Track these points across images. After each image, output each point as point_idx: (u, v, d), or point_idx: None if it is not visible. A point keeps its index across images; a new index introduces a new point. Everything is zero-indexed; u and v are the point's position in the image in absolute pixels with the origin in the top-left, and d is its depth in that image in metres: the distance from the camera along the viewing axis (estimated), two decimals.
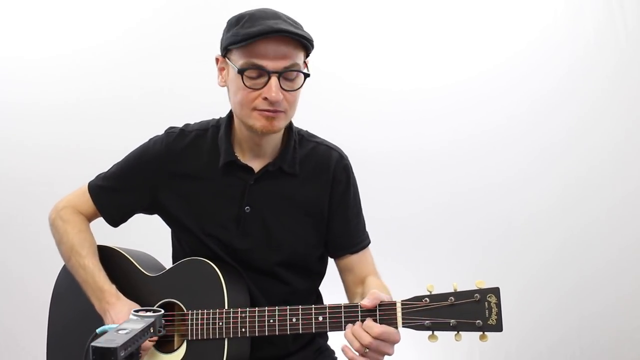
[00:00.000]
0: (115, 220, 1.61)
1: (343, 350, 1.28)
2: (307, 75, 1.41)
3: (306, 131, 1.61)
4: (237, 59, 1.38)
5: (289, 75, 1.38)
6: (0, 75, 2.79)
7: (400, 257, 2.72)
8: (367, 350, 1.25)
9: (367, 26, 2.78)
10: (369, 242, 1.63)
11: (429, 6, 2.79)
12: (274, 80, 1.36)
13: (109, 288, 1.48)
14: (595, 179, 2.73)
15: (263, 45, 1.34)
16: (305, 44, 1.38)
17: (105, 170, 1.63)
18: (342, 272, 1.61)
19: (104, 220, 1.63)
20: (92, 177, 1.63)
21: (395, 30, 2.78)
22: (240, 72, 1.36)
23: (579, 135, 2.74)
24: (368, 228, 1.65)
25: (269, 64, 1.35)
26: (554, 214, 2.74)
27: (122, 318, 1.41)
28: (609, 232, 2.71)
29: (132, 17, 2.79)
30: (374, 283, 1.52)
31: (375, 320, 1.28)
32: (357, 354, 1.26)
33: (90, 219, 1.63)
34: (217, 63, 1.47)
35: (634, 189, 2.72)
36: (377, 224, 2.63)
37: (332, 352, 1.71)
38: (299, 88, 1.41)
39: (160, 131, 1.61)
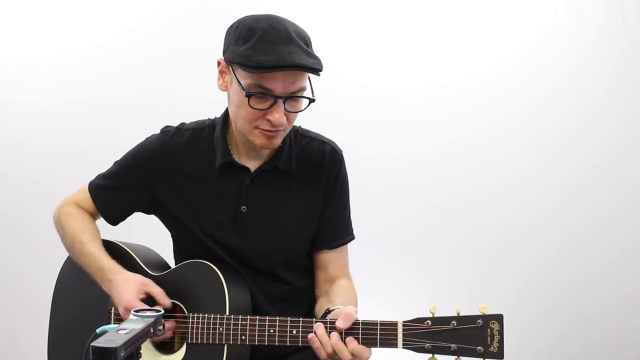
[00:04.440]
0: (114, 219, 1.62)
1: (310, 340, 1.29)
2: (312, 101, 1.40)
3: (299, 126, 1.60)
4: (244, 77, 1.35)
5: (294, 99, 1.38)
6: (0, 75, 2.79)
7: (400, 257, 2.73)
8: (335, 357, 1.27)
9: (367, 26, 2.78)
10: (351, 239, 1.62)
11: (429, 6, 2.79)
12: (279, 104, 1.35)
13: (108, 265, 1.48)
14: (595, 179, 2.72)
15: (274, 72, 1.32)
16: (316, 69, 1.35)
17: (105, 169, 1.63)
18: (316, 267, 1.61)
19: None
20: (92, 177, 1.64)
21: (396, 30, 2.77)
22: (248, 95, 1.34)
23: (579, 135, 2.74)
24: (368, 228, 1.65)
25: (277, 89, 1.33)
26: (554, 214, 2.73)
27: (125, 297, 1.41)
28: (609, 232, 2.71)
29: (132, 17, 2.79)
30: (342, 289, 1.52)
31: (374, 339, 1.27)
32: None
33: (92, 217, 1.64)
34: (218, 65, 1.45)
35: (634, 189, 2.72)
36: (377, 224, 2.66)
37: None
38: (302, 110, 1.41)
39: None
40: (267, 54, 1.30)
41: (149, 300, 1.45)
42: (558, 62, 2.74)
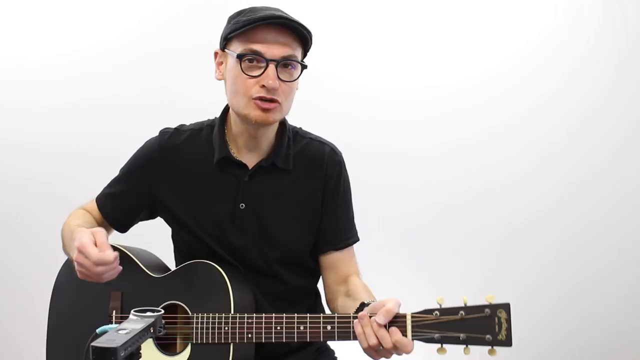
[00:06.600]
0: (122, 225, 1.64)
1: (355, 327, 1.28)
2: (304, 67, 1.45)
3: (300, 128, 1.62)
4: (237, 47, 1.41)
5: (286, 64, 1.41)
6: (0, 75, 2.79)
7: (399, 256, 2.73)
8: (382, 348, 1.26)
9: (368, 26, 2.78)
10: (356, 240, 1.62)
11: (429, 6, 2.79)
12: (271, 68, 1.39)
13: (78, 228, 1.42)
14: (595, 179, 2.73)
15: (263, 32, 1.38)
16: (304, 36, 1.42)
17: (104, 169, 1.64)
18: (324, 269, 1.60)
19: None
20: (92, 177, 1.64)
21: (396, 30, 2.78)
22: (239, 57, 1.39)
23: (579, 135, 2.74)
24: (367, 226, 1.64)
25: (268, 52, 1.39)
26: (554, 214, 2.74)
27: (79, 238, 1.33)
28: (609, 232, 2.71)
29: (132, 17, 2.79)
30: (360, 286, 1.51)
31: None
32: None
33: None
34: (215, 57, 1.50)
35: (634, 189, 2.72)
36: (377, 222, 2.66)
37: (332, 352, 1.72)
38: (295, 79, 1.44)
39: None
40: (256, 14, 1.39)
41: (143, 300, 1.46)
42: (558, 62, 2.74)
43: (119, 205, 1.61)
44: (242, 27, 1.38)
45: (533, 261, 2.74)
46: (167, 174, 1.55)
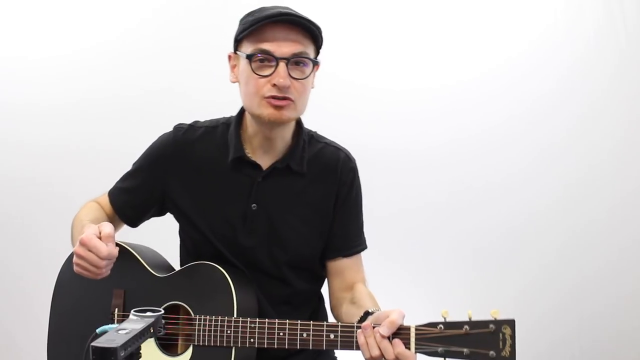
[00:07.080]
0: (133, 220, 1.63)
1: (359, 337, 1.27)
2: (315, 63, 1.44)
3: (315, 132, 1.62)
4: (247, 48, 1.41)
5: (297, 62, 1.40)
6: (1, 75, 2.79)
7: (399, 255, 2.73)
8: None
9: (369, 26, 2.78)
10: (364, 248, 1.62)
11: (430, 6, 2.79)
12: (282, 66, 1.38)
13: (89, 223, 1.40)
14: (595, 179, 2.72)
15: (271, 31, 1.38)
16: (313, 32, 1.41)
17: (105, 169, 1.63)
18: (331, 275, 1.60)
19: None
20: (91, 177, 1.64)
21: (397, 31, 2.77)
22: (249, 57, 1.39)
23: (579, 135, 2.74)
24: (367, 227, 1.64)
25: (277, 50, 1.38)
26: (553, 214, 2.73)
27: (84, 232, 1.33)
28: (609, 232, 2.71)
29: (132, 17, 2.79)
30: (365, 293, 1.51)
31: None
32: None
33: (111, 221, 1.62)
34: (229, 60, 1.50)
35: (634, 189, 2.72)
36: (376, 222, 2.64)
37: (332, 351, 1.71)
38: (308, 76, 1.42)
39: (161, 131, 1.62)
40: (263, 13, 1.39)
41: (145, 298, 1.45)
42: (558, 62, 2.74)
43: (131, 200, 1.61)
44: (250, 26, 1.38)
45: (533, 261, 2.74)
46: (180, 170, 1.55)
